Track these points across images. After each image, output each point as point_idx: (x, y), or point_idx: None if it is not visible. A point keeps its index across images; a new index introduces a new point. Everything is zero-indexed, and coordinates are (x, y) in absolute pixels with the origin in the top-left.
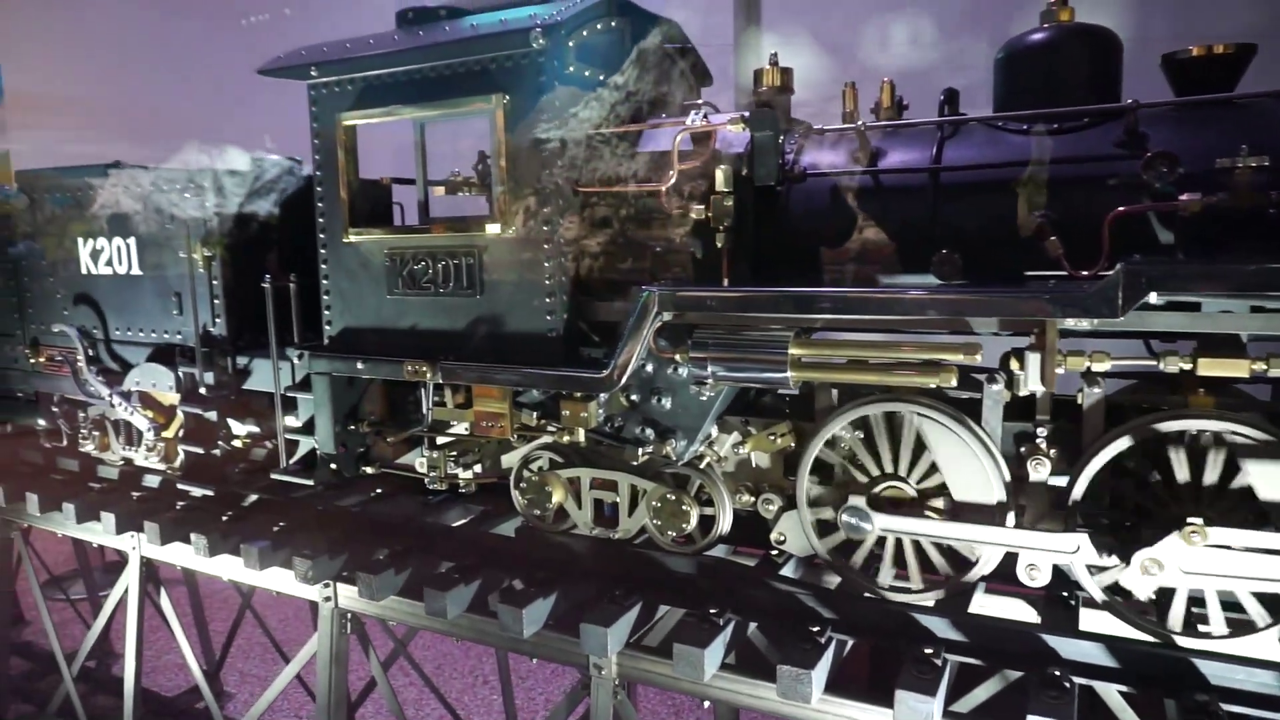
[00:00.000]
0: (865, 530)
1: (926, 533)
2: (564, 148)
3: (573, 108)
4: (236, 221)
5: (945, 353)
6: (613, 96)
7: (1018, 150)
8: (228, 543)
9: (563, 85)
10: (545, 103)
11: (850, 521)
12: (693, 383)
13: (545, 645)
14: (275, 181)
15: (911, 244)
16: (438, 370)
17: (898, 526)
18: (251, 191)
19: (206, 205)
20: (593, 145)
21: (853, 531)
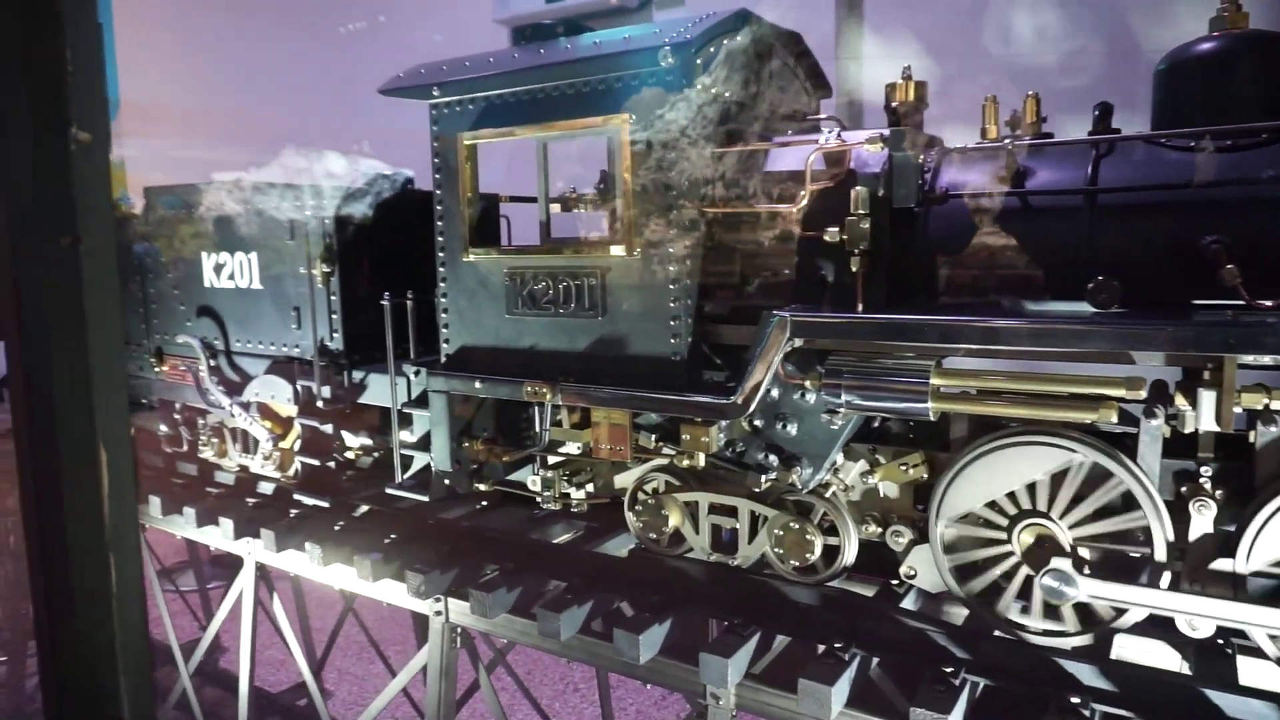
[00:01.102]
0: (1069, 595)
1: (1143, 602)
2: (691, 168)
3: (699, 126)
4: (354, 238)
5: (1106, 387)
6: (739, 114)
7: (1183, 170)
8: (340, 552)
9: (690, 104)
10: (672, 122)
11: (1052, 585)
12: (823, 411)
13: (660, 671)
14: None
15: (1063, 269)
16: (557, 391)
17: (1109, 594)
18: (368, 207)
19: (326, 222)
20: (719, 165)
21: (1054, 595)
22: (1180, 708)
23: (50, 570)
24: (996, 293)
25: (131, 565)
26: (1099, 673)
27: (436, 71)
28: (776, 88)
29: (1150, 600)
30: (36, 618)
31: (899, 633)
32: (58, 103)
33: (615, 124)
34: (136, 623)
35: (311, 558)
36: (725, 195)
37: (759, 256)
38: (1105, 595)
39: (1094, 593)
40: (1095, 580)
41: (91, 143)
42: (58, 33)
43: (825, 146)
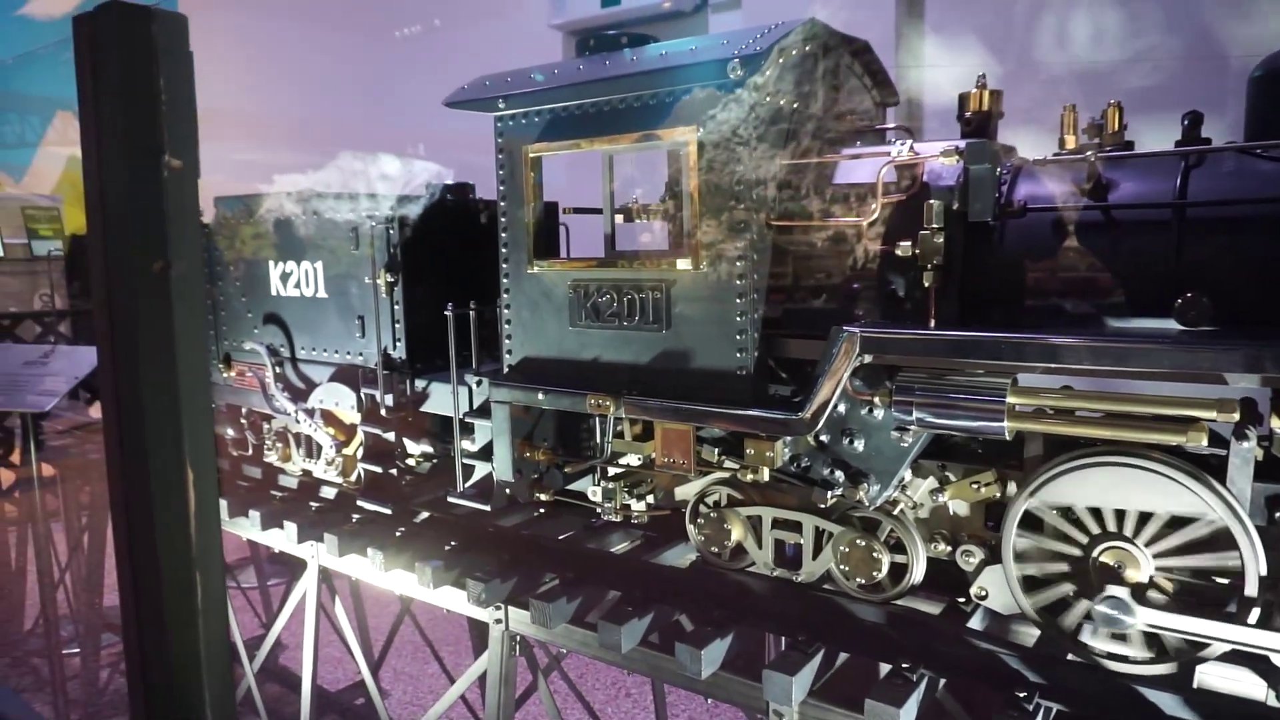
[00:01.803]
0: (1127, 624)
1: (1210, 635)
2: (759, 181)
3: (768, 139)
4: (417, 246)
5: (1196, 409)
6: (809, 125)
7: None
8: (401, 558)
9: (759, 116)
10: (742, 134)
11: (1108, 614)
12: (893, 428)
13: (722, 686)
14: (452, 206)
15: (1149, 286)
16: (621, 404)
17: (1168, 624)
18: (432, 216)
19: (390, 231)
20: (788, 177)
21: (1111, 624)
22: None
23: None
24: (1077, 309)
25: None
26: (1182, 702)
27: (501, 84)
28: (845, 97)
29: (1218, 633)
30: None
31: (969, 654)
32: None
33: (682, 136)
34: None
35: (374, 563)
36: (793, 208)
37: (828, 270)
38: (1166, 625)
39: (1153, 622)
40: (1155, 610)
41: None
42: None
43: (898, 159)
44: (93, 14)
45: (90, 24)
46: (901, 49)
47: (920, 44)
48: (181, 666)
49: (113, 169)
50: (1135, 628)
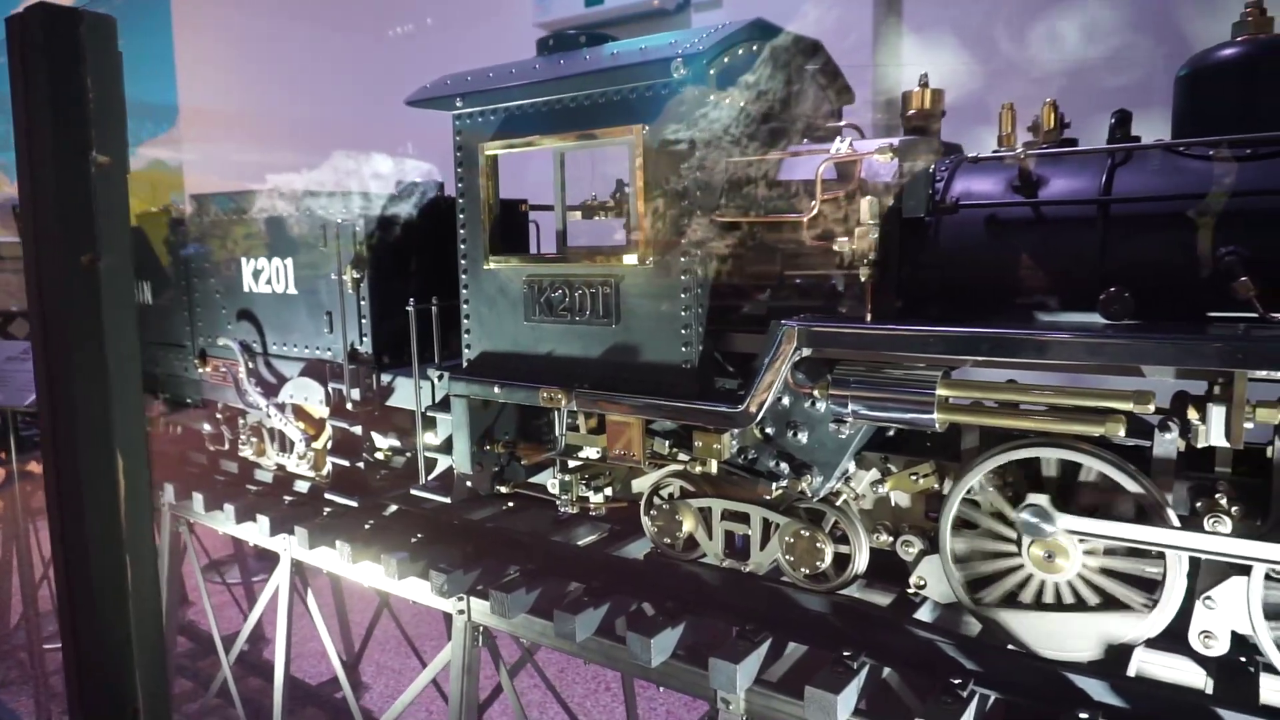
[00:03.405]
0: (1046, 531)
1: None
2: (704, 178)
3: (713, 137)
4: (384, 244)
5: (1114, 400)
6: (754, 124)
7: (1201, 179)
8: (369, 551)
9: (703, 114)
10: (686, 132)
11: (1030, 521)
12: (831, 420)
13: (673, 675)
14: (420, 204)
15: (1076, 280)
16: (572, 397)
17: (1085, 528)
18: (398, 214)
19: (356, 229)
20: (733, 175)
21: (1031, 531)
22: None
23: (72, 570)
24: (1007, 303)
25: (147, 565)
26: (1110, 688)
27: (460, 82)
28: (796, 96)
29: (1126, 534)
30: (60, 615)
31: (910, 642)
32: (80, 128)
33: (630, 134)
34: (151, 618)
35: (341, 555)
36: (738, 204)
37: (771, 265)
38: (1082, 529)
39: (1071, 527)
40: (1072, 515)
41: (110, 165)
42: (80, 62)
43: (836, 156)
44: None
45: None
46: (879, 47)
47: (898, 42)
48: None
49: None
50: (1057, 534)
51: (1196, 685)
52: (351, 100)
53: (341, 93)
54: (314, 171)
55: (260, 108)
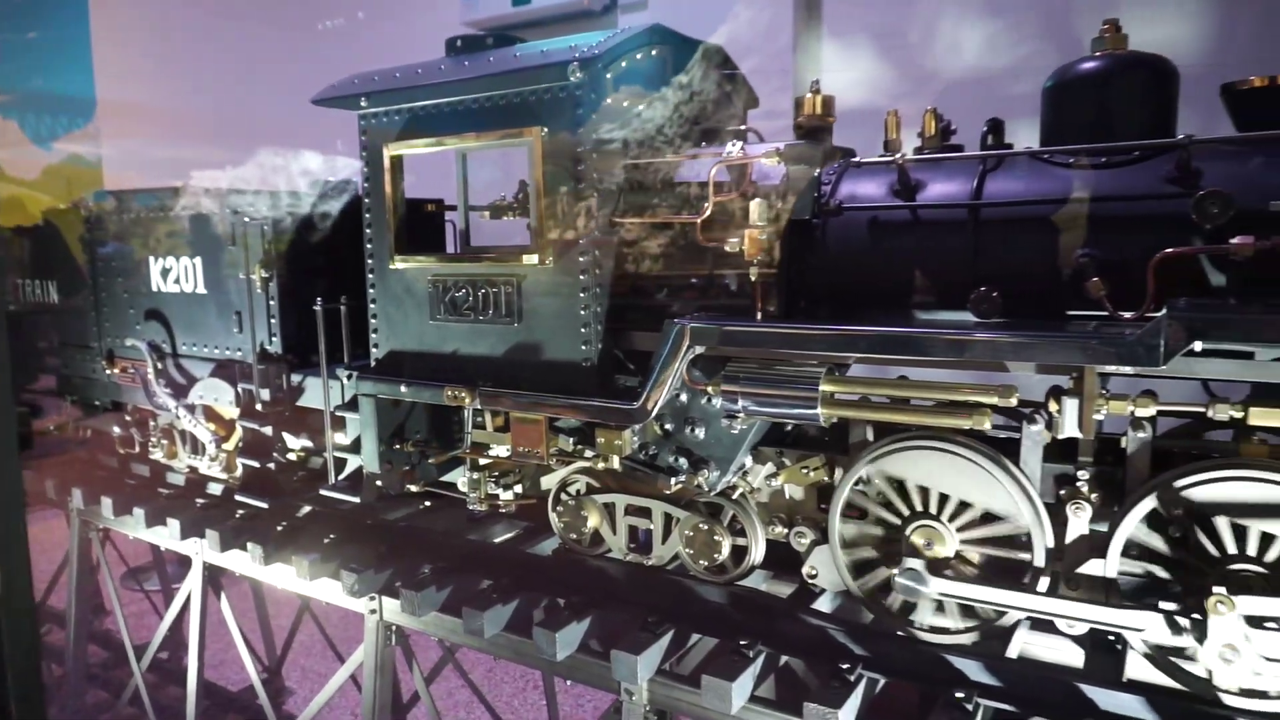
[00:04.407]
0: (921, 593)
1: (987, 600)
2: (601, 179)
3: (611, 139)
4: (294, 243)
5: (979, 394)
6: (652, 127)
7: (1062, 185)
8: (281, 552)
9: (601, 117)
10: (583, 135)
11: (906, 584)
12: (724, 416)
13: (579, 668)
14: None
15: (950, 280)
16: (476, 396)
17: (956, 591)
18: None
19: (265, 228)
20: (630, 177)
21: (908, 594)
22: (1059, 701)
23: None
24: (888, 302)
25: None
26: (985, 668)
27: (366, 82)
28: (696, 100)
29: (996, 599)
30: None
31: (803, 630)
32: None
33: (529, 136)
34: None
35: (254, 557)
36: (635, 206)
37: (667, 266)
38: (955, 594)
39: (944, 591)
40: (946, 580)
41: None
42: None
43: (726, 159)
44: None
45: None
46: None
47: (818, 48)
48: None
49: None
50: (929, 596)
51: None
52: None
53: (269, 88)
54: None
55: (184, 102)
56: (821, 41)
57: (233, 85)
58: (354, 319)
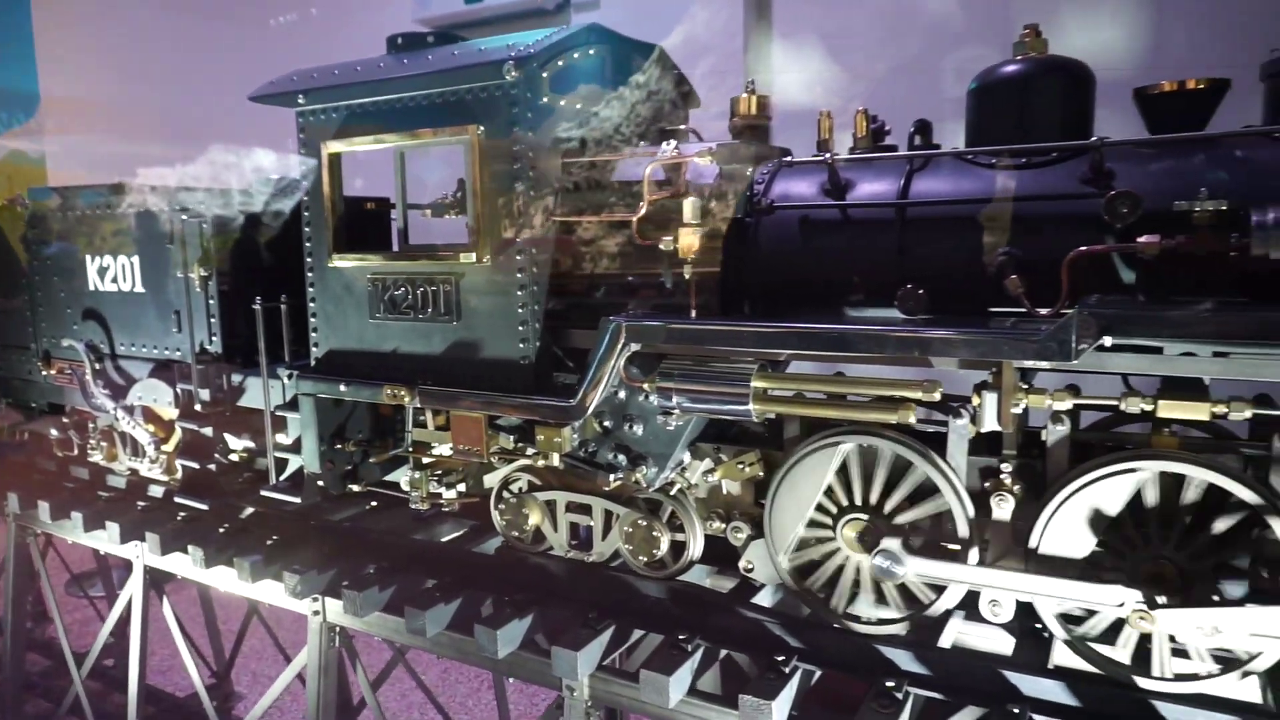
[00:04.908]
0: (898, 574)
1: (962, 579)
2: (538, 178)
3: (548, 138)
4: (234, 241)
5: (903, 389)
6: (589, 126)
7: (985, 185)
8: (223, 555)
9: (538, 116)
10: (520, 134)
11: (883, 565)
12: (660, 412)
13: (521, 666)
14: (273, 201)
15: (878, 278)
16: (415, 394)
17: (934, 572)
18: (251, 212)
19: (204, 225)
20: (568, 176)
21: (885, 575)
22: (987, 688)
23: None
24: (819, 300)
25: None
26: (915, 658)
27: (305, 78)
28: (633, 100)
29: (970, 578)
30: None
31: (741, 624)
32: None
33: (466, 135)
34: None
35: (194, 560)
36: (573, 205)
37: (605, 264)
38: (931, 573)
39: (921, 571)
40: (921, 559)
41: None
42: None
43: (661, 159)
44: None
45: None
46: (750, 53)
47: (769, 48)
48: None
49: None
50: (907, 576)
51: (1003, 652)
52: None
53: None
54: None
55: (132, 97)
56: (772, 42)
57: (183, 81)
58: (295, 318)
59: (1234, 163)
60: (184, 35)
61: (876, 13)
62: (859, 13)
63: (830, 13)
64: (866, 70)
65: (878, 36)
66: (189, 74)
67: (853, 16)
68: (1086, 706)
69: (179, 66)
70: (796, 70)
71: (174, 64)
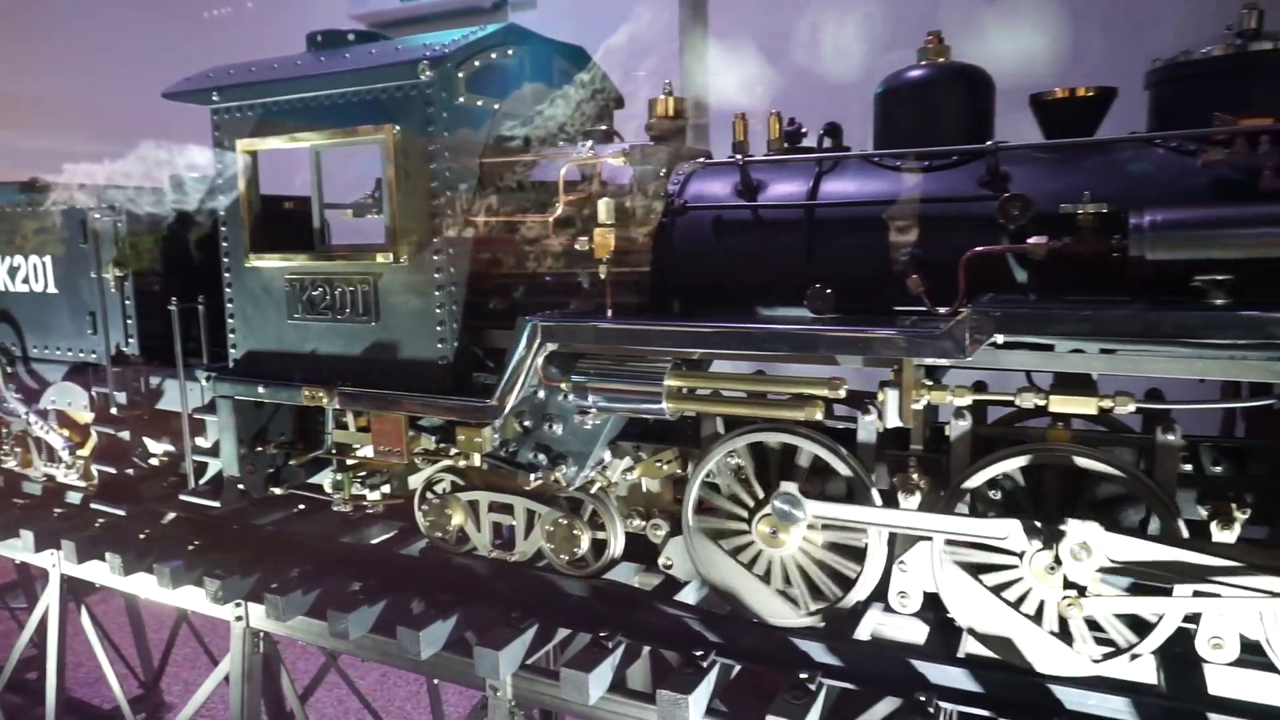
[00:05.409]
0: (797, 517)
1: (856, 519)
2: (455, 178)
3: (464, 138)
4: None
5: (810, 387)
6: (509, 126)
7: (889, 186)
8: (143, 562)
9: (453, 116)
10: (435, 133)
11: (783, 508)
12: (578, 411)
13: (445, 667)
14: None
15: (788, 277)
16: (334, 396)
17: (831, 513)
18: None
19: (119, 225)
20: (484, 176)
21: (785, 518)
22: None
23: None
24: (732, 299)
25: None
26: (828, 649)
27: (220, 75)
28: (556, 101)
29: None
30: None
31: (661, 620)
32: None
33: (382, 134)
34: None
35: (113, 568)
36: (489, 205)
37: (523, 264)
38: (829, 515)
39: (819, 513)
40: (819, 502)
41: None
42: None
43: (576, 159)
44: None
45: None
46: (686, 54)
47: (704, 49)
48: None
49: None
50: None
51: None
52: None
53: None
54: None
55: (58, 91)
56: (707, 44)
57: (111, 75)
58: (214, 319)
59: (1118, 167)
60: (113, 27)
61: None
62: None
63: (766, 15)
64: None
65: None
66: (118, 68)
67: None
68: (990, 692)
69: (108, 60)
70: (733, 72)
71: (102, 57)
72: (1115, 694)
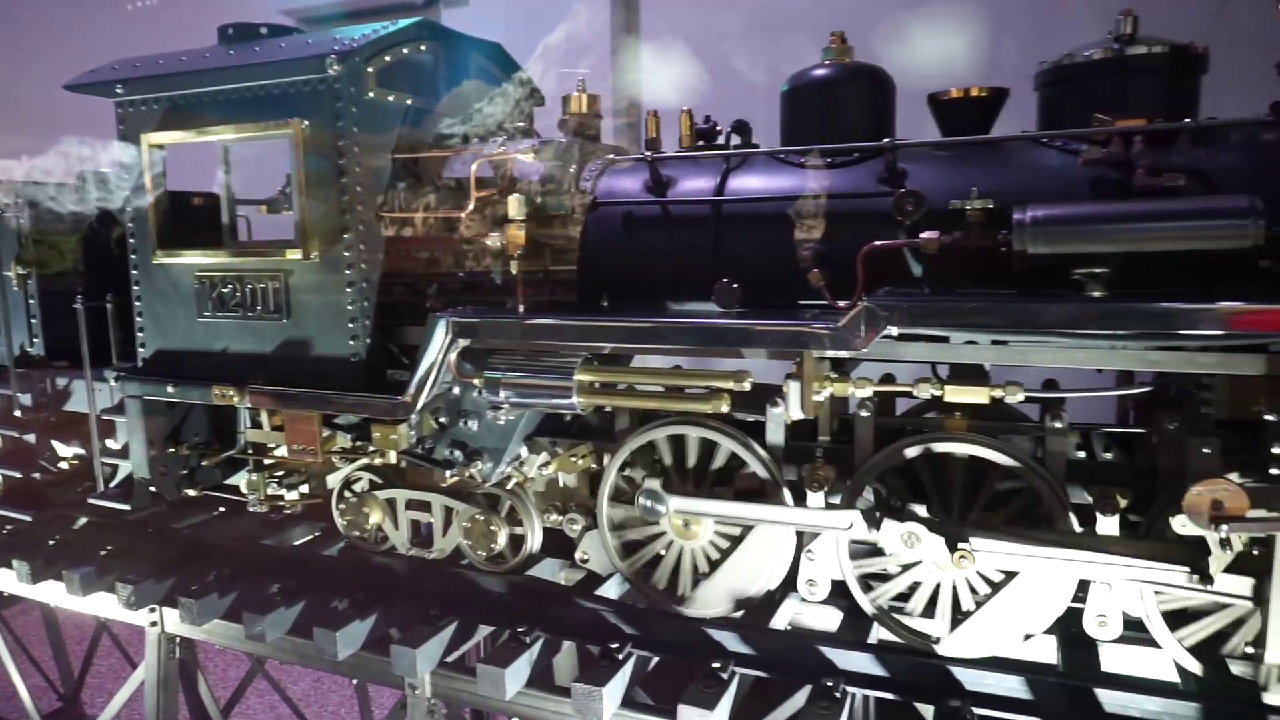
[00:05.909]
0: (660, 512)
1: (713, 512)
2: (365, 174)
3: (374, 133)
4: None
5: (716, 381)
6: (418, 122)
7: (794, 182)
8: (52, 569)
9: (362, 111)
10: (344, 129)
11: (646, 505)
12: (491, 407)
13: (363, 666)
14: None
15: (696, 272)
16: (245, 394)
17: (689, 507)
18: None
19: (21, 221)
20: (395, 171)
21: (648, 514)
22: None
23: None
24: (643, 294)
25: None
26: (740, 639)
27: (126, 68)
28: (467, 97)
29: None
30: None
31: (579, 615)
32: None
33: (289, 129)
34: None
35: (19, 575)
36: (400, 201)
37: (435, 260)
38: (689, 509)
39: (680, 508)
40: (681, 497)
41: None
42: None
43: (487, 155)
44: None
45: None
46: (618, 53)
47: (636, 49)
48: None
49: None
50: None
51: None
52: None
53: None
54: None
55: None
56: (639, 43)
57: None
58: (124, 318)
59: (1006, 165)
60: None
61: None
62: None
63: (696, 14)
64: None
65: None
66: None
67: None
68: (895, 676)
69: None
70: (665, 71)
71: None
72: (1012, 673)
